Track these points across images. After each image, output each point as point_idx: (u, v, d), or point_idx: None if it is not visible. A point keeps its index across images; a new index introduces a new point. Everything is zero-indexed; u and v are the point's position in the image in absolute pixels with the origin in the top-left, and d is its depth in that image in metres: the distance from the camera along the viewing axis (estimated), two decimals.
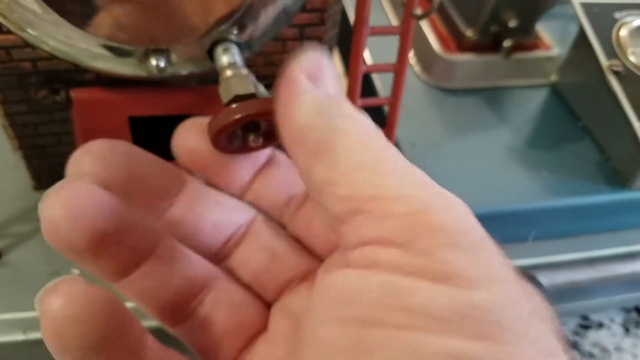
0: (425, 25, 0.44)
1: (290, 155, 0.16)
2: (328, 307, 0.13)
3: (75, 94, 0.30)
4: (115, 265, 0.16)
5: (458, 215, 0.13)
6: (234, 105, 0.23)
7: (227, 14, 0.25)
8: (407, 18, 0.29)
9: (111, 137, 0.33)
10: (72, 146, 0.33)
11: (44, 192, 0.37)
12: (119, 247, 0.16)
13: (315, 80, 0.16)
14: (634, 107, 0.36)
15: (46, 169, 0.35)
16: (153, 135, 0.34)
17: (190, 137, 0.19)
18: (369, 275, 0.13)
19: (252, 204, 0.20)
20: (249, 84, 0.26)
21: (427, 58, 0.43)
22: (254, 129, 0.23)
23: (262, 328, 0.18)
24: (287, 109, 0.16)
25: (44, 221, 0.14)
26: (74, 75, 0.30)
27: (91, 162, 0.16)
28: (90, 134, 0.32)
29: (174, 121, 0.33)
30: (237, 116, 0.23)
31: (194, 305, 0.17)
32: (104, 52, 0.26)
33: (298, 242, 0.20)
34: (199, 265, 0.18)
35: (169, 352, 0.16)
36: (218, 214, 0.19)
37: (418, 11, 0.28)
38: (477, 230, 0.13)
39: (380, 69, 0.31)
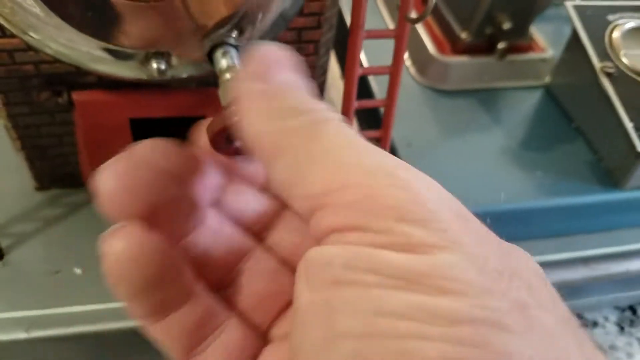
0: (420, 27, 0.44)
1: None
2: (305, 277, 0.14)
3: (77, 96, 0.31)
4: (167, 234, 0.17)
5: (410, 190, 0.14)
6: (232, 108, 0.24)
7: (225, 18, 0.26)
8: (402, 22, 0.29)
9: (112, 139, 0.33)
10: (73, 147, 0.34)
11: (47, 192, 0.37)
12: (171, 216, 0.17)
13: (265, 78, 0.16)
14: (626, 108, 0.36)
15: (48, 170, 0.35)
16: (154, 136, 0.34)
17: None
18: (339, 247, 0.14)
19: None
20: None
21: (422, 60, 0.43)
22: None
23: None
24: (241, 116, 0.16)
25: (101, 194, 0.16)
26: (75, 77, 0.30)
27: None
28: (92, 136, 0.33)
29: (174, 123, 0.34)
30: (235, 118, 0.23)
31: (237, 271, 0.19)
32: (106, 55, 0.27)
33: None
34: (240, 236, 0.20)
35: (216, 299, 0.18)
36: (256, 203, 0.20)
37: (413, 15, 0.28)
38: (432, 200, 0.14)
39: (376, 71, 0.32)
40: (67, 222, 0.36)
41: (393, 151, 0.38)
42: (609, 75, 0.38)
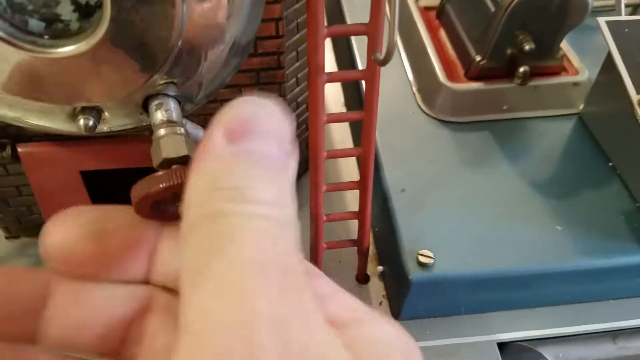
0: (430, 49, 0.39)
1: None
2: None
3: (22, 148, 0.29)
4: None
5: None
6: (159, 173, 0.21)
7: (153, 65, 0.23)
8: (370, 62, 0.25)
9: (65, 191, 0.31)
10: (32, 196, 0.32)
11: (17, 241, 0.35)
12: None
13: (237, 139, 0.14)
14: None
15: (13, 219, 0.34)
16: (111, 188, 0.32)
17: (64, 235, 0.17)
18: None
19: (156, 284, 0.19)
20: (181, 145, 0.24)
21: (430, 87, 0.38)
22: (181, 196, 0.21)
23: None
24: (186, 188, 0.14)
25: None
26: (20, 129, 0.28)
27: None
28: (43, 188, 0.31)
29: (131, 173, 0.31)
30: (161, 186, 0.21)
31: None
32: (33, 108, 0.24)
33: None
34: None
35: None
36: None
37: (379, 55, 0.24)
38: None
39: (345, 118, 0.28)
40: None
41: (384, 198, 0.33)
42: None
